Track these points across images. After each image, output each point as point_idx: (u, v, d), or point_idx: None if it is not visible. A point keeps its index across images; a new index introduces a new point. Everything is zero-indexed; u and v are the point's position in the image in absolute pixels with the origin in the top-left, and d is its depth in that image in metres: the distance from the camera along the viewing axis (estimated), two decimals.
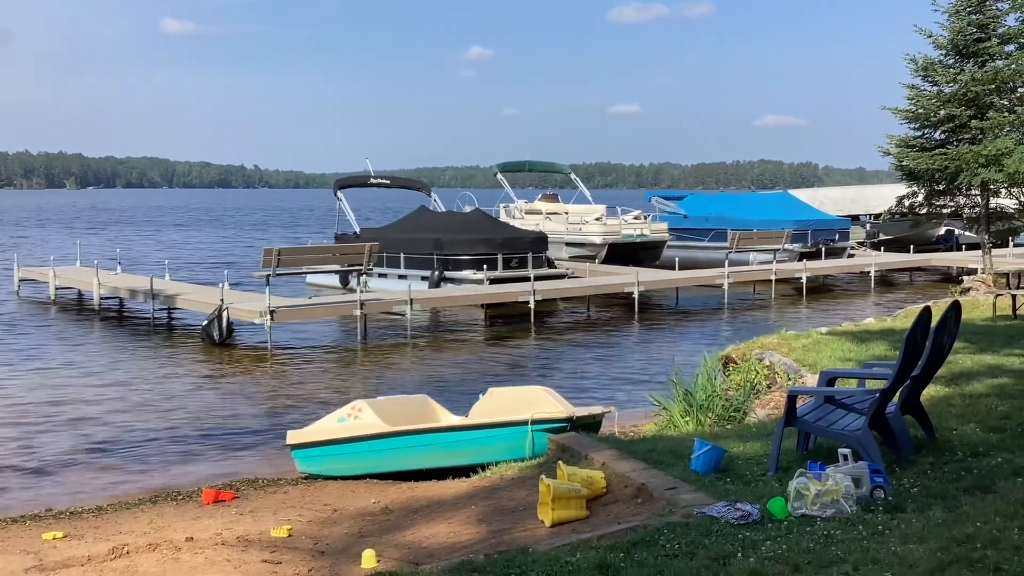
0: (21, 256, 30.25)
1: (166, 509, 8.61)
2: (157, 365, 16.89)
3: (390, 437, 9.45)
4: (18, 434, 11.99)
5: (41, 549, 7.15)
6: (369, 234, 27.65)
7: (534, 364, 17.44)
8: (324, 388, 15.22)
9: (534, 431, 9.23)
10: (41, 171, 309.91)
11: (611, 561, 4.98)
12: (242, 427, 12.61)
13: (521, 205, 36.00)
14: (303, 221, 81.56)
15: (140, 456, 11.15)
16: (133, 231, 64.81)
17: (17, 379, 15.57)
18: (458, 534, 6.91)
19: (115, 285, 23.07)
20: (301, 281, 26.94)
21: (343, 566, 6.39)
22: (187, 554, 6.52)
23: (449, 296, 22.31)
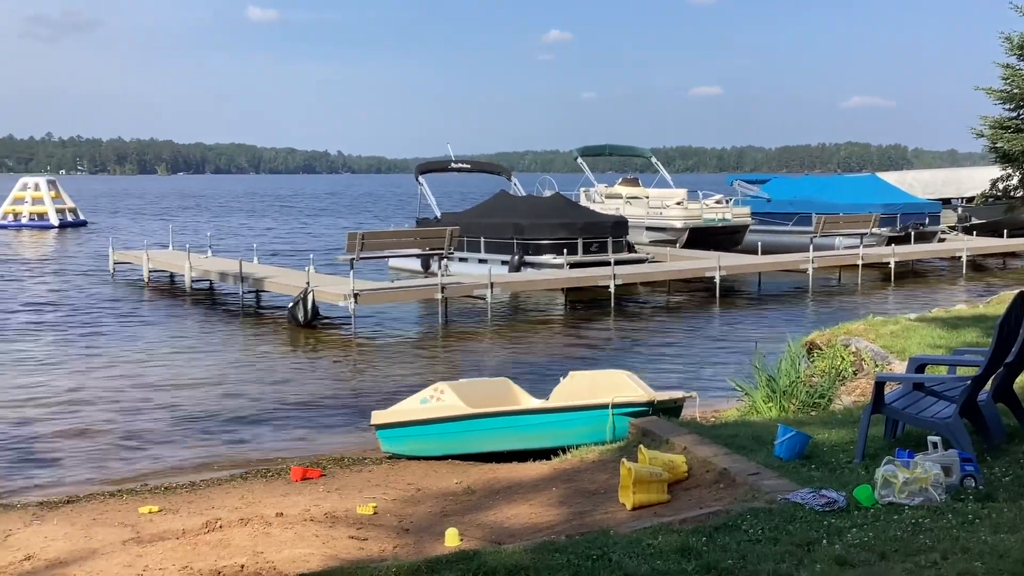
0: (116, 240, 31.35)
1: (256, 485, 8.88)
2: (245, 346, 17.35)
3: (472, 419, 9.57)
4: (115, 412, 12.46)
5: (138, 522, 7.44)
6: (450, 218, 27.85)
7: (614, 348, 17.42)
8: (406, 370, 15.44)
9: (615, 415, 9.24)
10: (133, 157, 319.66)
11: (693, 545, 4.99)
12: (327, 407, 12.90)
13: (601, 189, 35.83)
14: (385, 206, 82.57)
15: (230, 434, 11.49)
16: (221, 216, 66.45)
17: (113, 359, 16.14)
18: (539, 515, 6.98)
19: (206, 268, 23.73)
20: (384, 265, 27.33)
21: (427, 544, 6.52)
22: (277, 529, 6.73)
23: (529, 280, 22.38)
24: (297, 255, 32.92)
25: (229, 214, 69.09)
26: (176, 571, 5.89)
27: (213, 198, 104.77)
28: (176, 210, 75.19)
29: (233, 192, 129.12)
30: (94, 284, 26.15)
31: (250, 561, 6.02)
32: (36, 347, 17.18)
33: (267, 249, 34.54)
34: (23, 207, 49.90)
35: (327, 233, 47.70)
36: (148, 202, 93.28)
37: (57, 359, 16.07)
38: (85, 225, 51.74)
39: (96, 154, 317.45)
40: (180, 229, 41.16)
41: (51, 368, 15.31)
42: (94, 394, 13.45)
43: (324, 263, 26.65)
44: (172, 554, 6.26)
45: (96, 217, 59.06)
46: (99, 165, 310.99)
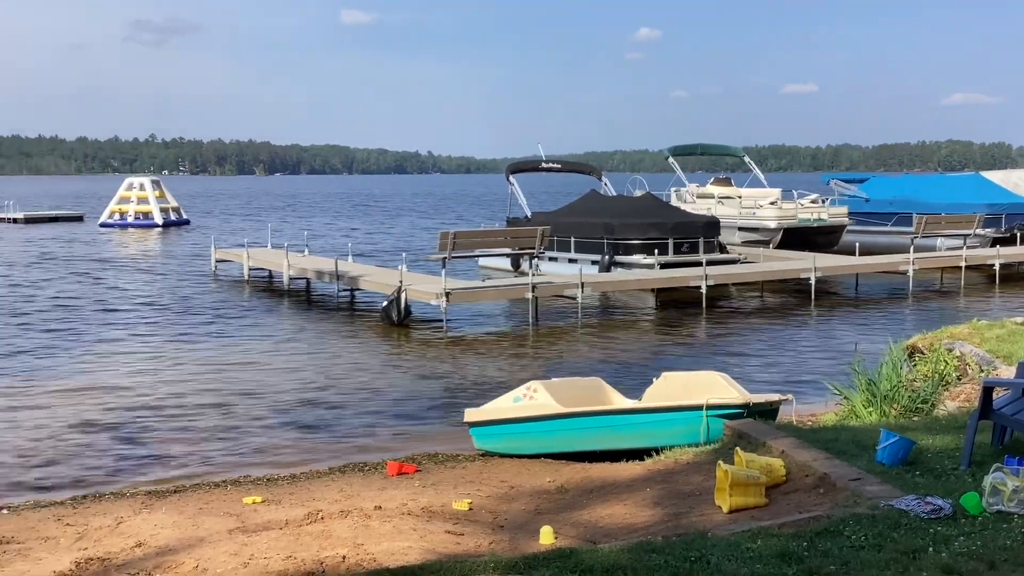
0: (218, 238, 32.33)
1: (354, 479, 9.08)
2: (340, 344, 17.70)
3: (565, 418, 9.60)
4: (217, 406, 12.86)
5: (243, 512, 7.68)
6: (540, 218, 27.93)
7: (706, 349, 17.24)
8: (497, 369, 15.56)
9: (709, 416, 9.16)
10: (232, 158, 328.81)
11: (794, 550, 4.94)
12: (420, 404, 13.09)
13: (693, 189, 35.48)
14: (469, 204, 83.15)
15: (327, 429, 11.76)
16: (314, 215, 67.84)
17: (214, 354, 16.66)
18: (634, 515, 6.98)
19: (303, 266, 24.29)
20: (473, 264, 27.56)
21: (522, 541, 6.58)
22: (376, 522, 6.86)
23: (620, 280, 22.30)
24: (389, 254, 33.42)
25: (322, 214, 70.47)
26: (280, 560, 6.07)
27: (307, 198, 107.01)
28: (272, 210, 77.03)
29: (326, 192, 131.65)
30: (196, 281, 27.00)
31: (351, 552, 6.16)
32: (142, 342, 17.83)
33: (359, 248, 35.15)
34: (129, 206, 51.77)
35: (414, 233, 48.29)
36: (244, 202, 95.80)
37: (161, 354, 16.65)
38: (188, 224, 53.42)
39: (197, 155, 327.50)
40: (276, 228, 42.20)
41: (155, 363, 15.87)
42: (197, 388, 13.91)
43: (413, 262, 27.00)
44: (276, 543, 6.44)
45: (198, 216, 60.90)
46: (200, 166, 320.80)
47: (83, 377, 14.64)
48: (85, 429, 11.63)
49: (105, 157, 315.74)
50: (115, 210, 52.18)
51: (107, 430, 11.59)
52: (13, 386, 13.98)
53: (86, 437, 11.29)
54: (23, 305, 22.48)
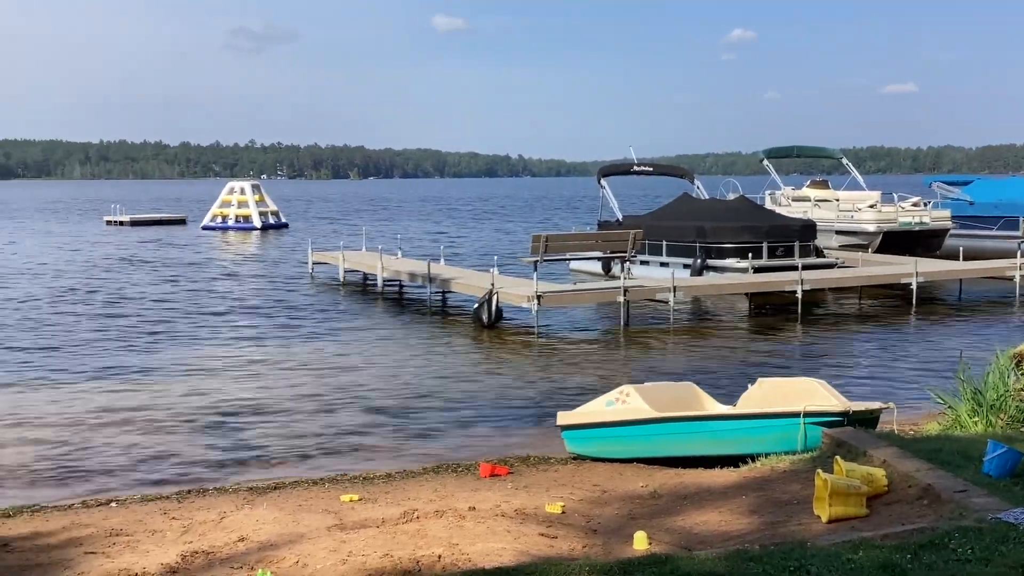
0: (315, 240, 33.08)
1: (447, 479, 9.19)
2: (433, 345, 17.91)
3: (658, 423, 9.54)
4: (313, 405, 13.16)
5: (340, 510, 7.85)
6: (632, 221, 27.80)
7: (801, 355, 16.91)
8: (588, 372, 15.54)
9: (807, 424, 8.99)
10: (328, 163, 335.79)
11: (897, 562, 4.82)
12: (510, 406, 13.17)
13: (788, 192, 34.82)
14: (564, 209, 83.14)
15: (420, 429, 11.92)
16: (407, 218, 68.75)
17: (312, 355, 17.03)
18: (729, 523, 6.90)
19: (396, 269, 24.66)
20: (560, 267, 27.59)
21: (615, 545, 6.57)
22: (470, 522, 6.94)
23: (713, 284, 22.04)
24: (479, 257, 33.67)
25: (413, 217, 71.37)
26: (378, 558, 6.18)
27: (399, 201, 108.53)
28: (366, 213, 78.34)
29: (418, 195, 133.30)
30: (294, 283, 27.64)
31: (446, 552, 6.24)
32: (241, 343, 18.33)
33: (450, 251, 35.49)
34: (230, 210, 53.32)
35: (504, 236, 48.51)
36: (338, 205, 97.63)
37: (260, 354, 17.10)
38: (286, 227, 54.72)
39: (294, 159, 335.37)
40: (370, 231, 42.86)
41: (254, 363, 16.31)
42: (294, 388, 14.25)
43: (503, 265, 27.14)
44: (373, 541, 6.57)
45: (296, 220, 62.29)
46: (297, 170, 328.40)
47: (185, 376, 15.14)
48: (189, 426, 12.03)
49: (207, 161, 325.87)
50: (217, 213, 53.79)
51: (209, 428, 11.96)
52: (119, 385, 14.54)
53: (189, 434, 11.67)
54: (129, 306, 23.34)
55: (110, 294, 25.51)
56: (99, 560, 6.67)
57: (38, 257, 37.06)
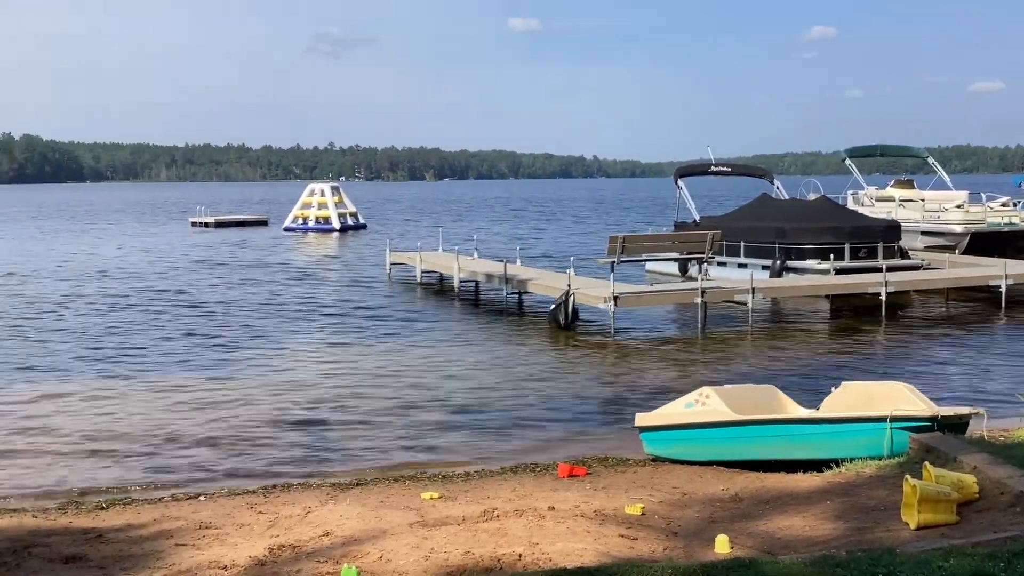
0: (392, 242, 33.51)
1: (526, 479, 9.23)
2: (509, 346, 17.99)
3: (739, 425, 9.44)
4: (394, 404, 13.32)
5: (421, 507, 7.94)
6: (709, 222, 27.52)
7: (885, 359, 16.55)
8: (664, 373, 15.44)
9: (893, 429, 8.80)
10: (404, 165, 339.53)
11: (989, 571, 4.71)
12: (587, 407, 13.17)
13: (871, 192, 34.08)
14: (638, 210, 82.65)
15: (497, 429, 11.99)
16: (485, 219, 69.07)
17: (390, 354, 17.24)
18: (814, 528, 6.80)
19: (473, 269, 24.82)
20: (635, 268, 27.45)
21: (697, 548, 6.52)
22: (550, 522, 6.96)
23: (793, 286, 21.70)
24: (553, 259, 33.67)
25: (489, 218, 71.69)
26: (459, 555, 6.25)
27: (474, 202, 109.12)
28: (442, 214, 78.96)
29: (492, 196, 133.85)
30: (372, 284, 28.02)
31: (527, 551, 6.27)
32: (321, 341, 18.65)
33: (525, 252, 35.55)
34: (310, 211, 54.27)
35: (578, 237, 48.41)
36: (412, 206, 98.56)
37: (340, 353, 17.38)
38: (364, 228, 55.46)
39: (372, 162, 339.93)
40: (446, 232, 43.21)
41: (334, 361, 16.58)
42: (374, 387, 14.45)
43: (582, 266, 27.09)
44: (454, 539, 6.64)
45: (375, 221, 63.06)
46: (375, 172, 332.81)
47: (268, 374, 15.47)
48: (272, 422, 12.29)
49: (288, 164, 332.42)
50: (298, 215, 54.79)
51: (292, 424, 12.21)
52: (204, 382, 14.93)
53: (273, 431, 11.93)
54: (213, 306, 23.92)
55: (196, 294, 26.19)
56: (189, 552, 6.86)
57: (127, 258, 38.22)
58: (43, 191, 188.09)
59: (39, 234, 55.38)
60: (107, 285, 28.22)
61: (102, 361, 16.58)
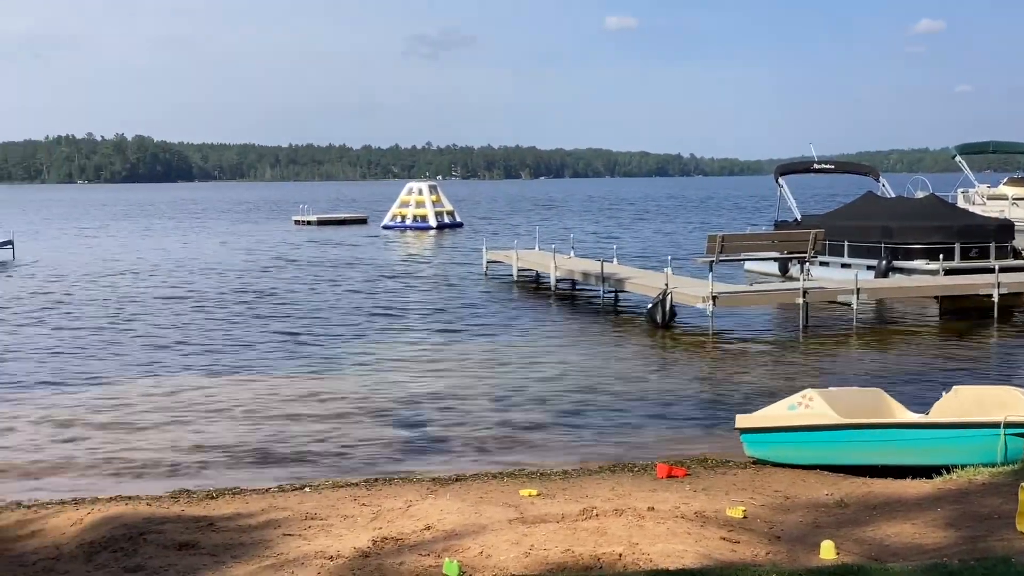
0: (488, 240, 33.76)
1: (624, 479, 9.19)
2: (606, 345, 17.94)
3: (844, 429, 9.22)
4: (491, 401, 13.43)
5: (520, 504, 7.98)
6: (811, 221, 26.95)
7: (998, 363, 15.95)
8: (765, 375, 15.19)
9: (1008, 435, 8.48)
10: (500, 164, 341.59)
11: None
12: (685, 407, 13.05)
13: (983, 190, 32.90)
14: (731, 208, 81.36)
15: (594, 427, 11.98)
16: (580, 218, 68.97)
17: (487, 351, 17.38)
18: (924, 536, 6.60)
19: (569, 268, 24.82)
20: (733, 268, 27.04)
21: (800, 554, 6.40)
22: (650, 522, 6.92)
23: (899, 287, 21.08)
24: (647, 258, 33.41)
25: (583, 216, 71.52)
26: (559, 553, 6.27)
27: (569, 201, 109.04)
28: (537, 213, 79.15)
29: (587, 195, 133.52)
30: (469, 281, 28.27)
31: (627, 551, 6.25)
32: (420, 338, 18.90)
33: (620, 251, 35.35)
34: (408, 210, 55.06)
35: (676, 235, 47.91)
36: (507, 205, 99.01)
37: (438, 350, 17.59)
38: (461, 226, 56.00)
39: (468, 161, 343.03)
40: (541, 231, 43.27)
41: (433, 358, 16.79)
42: (471, 384, 14.59)
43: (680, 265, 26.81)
44: (554, 536, 6.66)
45: (472, 220, 63.59)
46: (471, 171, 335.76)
47: (367, 370, 15.77)
48: (372, 417, 12.53)
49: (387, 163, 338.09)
50: (396, 213, 55.65)
51: (391, 419, 12.43)
52: (307, 377, 15.30)
53: (373, 425, 12.16)
54: (315, 302, 24.49)
55: (298, 292, 26.84)
56: (296, 542, 7.05)
57: (231, 255, 39.39)
58: (154, 190, 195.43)
59: (151, 232, 57.48)
60: (212, 282, 29.15)
61: (209, 355, 17.14)
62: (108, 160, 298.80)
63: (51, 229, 61.14)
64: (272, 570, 6.31)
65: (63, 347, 18.01)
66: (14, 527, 7.99)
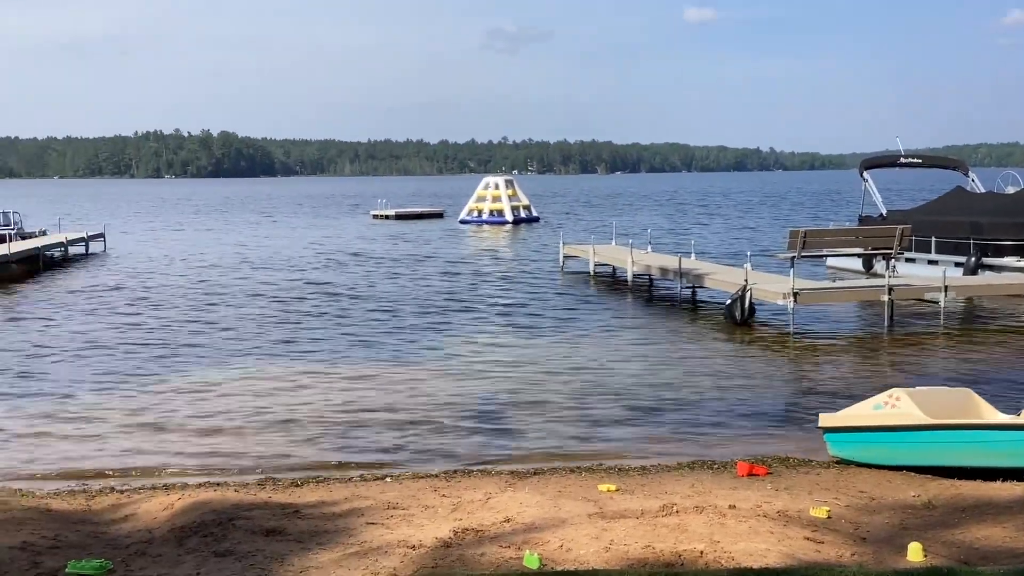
0: (564, 234, 33.73)
1: (703, 476, 9.12)
2: (684, 340, 17.78)
3: (932, 430, 9.00)
4: (568, 396, 13.44)
5: (599, 498, 7.99)
6: (896, 216, 26.31)
7: None
8: (848, 373, 14.91)
9: None
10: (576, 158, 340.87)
11: None
12: (765, 405, 12.88)
13: None
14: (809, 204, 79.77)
15: (671, 424, 11.90)
16: (652, 212, 68.44)
17: (563, 346, 17.36)
18: (1016, 540, 6.43)
19: (646, 263, 24.67)
20: (815, 264, 26.54)
21: (887, 555, 6.29)
22: (731, 520, 6.86)
23: (990, 284, 20.45)
24: (722, 253, 33.00)
25: (645, 211, 70.94)
26: (640, 548, 6.26)
27: (640, 196, 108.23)
28: (603, 207, 78.75)
29: (662, 190, 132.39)
30: (545, 276, 28.28)
31: (708, 548, 6.22)
32: (496, 332, 18.98)
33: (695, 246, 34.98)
34: (484, 204, 55.30)
35: (749, 231, 47.20)
36: (581, 199, 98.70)
37: (512, 344, 17.64)
38: (537, 221, 56.02)
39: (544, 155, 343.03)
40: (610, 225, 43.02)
41: (509, 351, 16.85)
42: (549, 377, 14.61)
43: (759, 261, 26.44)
44: (634, 532, 6.65)
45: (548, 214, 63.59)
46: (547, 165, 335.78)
47: (445, 363, 15.90)
48: (451, 410, 12.64)
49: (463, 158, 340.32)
50: (473, 208, 55.93)
51: (469, 412, 12.52)
52: (387, 370, 15.50)
53: (452, 417, 12.26)
54: (393, 294, 24.77)
55: (378, 284, 27.19)
56: (379, 530, 7.17)
57: (315, 248, 40.04)
58: (238, 185, 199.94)
59: (235, 226, 58.78)
60: (294, 275, 29.69)
61: (289, 346, 17.48)
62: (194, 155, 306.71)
63: (140, 222, 62.99)
64: (357, 557, 6.43)
65: (151, 337, 18.56)
66: (108, 511, 8.28)
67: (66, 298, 24.26)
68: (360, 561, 6.35)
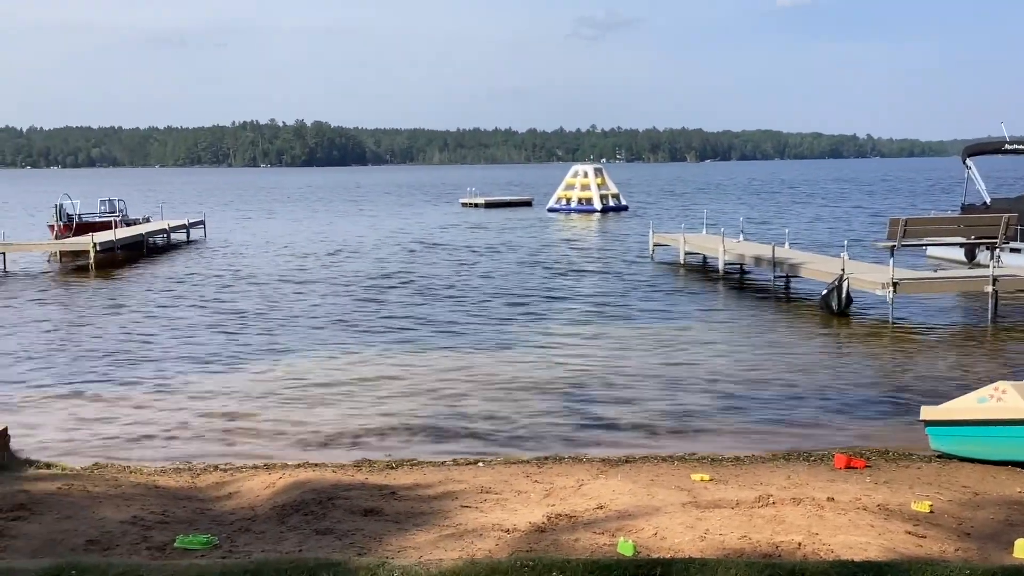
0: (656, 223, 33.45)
1: (799, 468, 8.99)
2: (778, 330, 17.50)
3: None
4: (660, 385, 13.36)
5: (693, 488, 7.95)
6: (1001, 205, 25.38)
7: None
8: (949, 366, 14.49)
9: None
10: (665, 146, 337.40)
11: None
12: (862, 396, 12.60)
13: None
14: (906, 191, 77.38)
15: (767, 415, 11.74)
16: (740, 201, 67.35)
17: (654, 335, 17.25)
18: None
19: (739, 252, 24.31)
20: (914, 254, 25.78)
21: (992, 552, 6.12)
22: (830, 513, 6.76)
23: None
24: (815, 242, 32.29)
25: (730, 200, 69.74)
26: (736, 539, 6.21)
27: (729, 184, 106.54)
28: (686, 195, 77.78)
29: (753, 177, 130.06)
30: (635, 264, 28.12)
31: (806, 540, 6.14)
32: (585, 321, 18.95)
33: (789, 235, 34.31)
34: (573, 192, 55.21)
35: (848, 219, 46.05)
36: (668, 187, 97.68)
37: (603, 332, 17.59)
38: (626, 209, 55.71)
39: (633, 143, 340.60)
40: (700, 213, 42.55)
41: (599, 339, 16.83)
42: (639, 366, 14.55)
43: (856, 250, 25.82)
44: (729, 522, 6.60)
45: (637, 203, 63.17)
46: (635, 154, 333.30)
47: (536, 350, 15.96)
48: (541, 397, 12.70)
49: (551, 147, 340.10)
50: (561, 196, 55.89)
51: (560, 399, 12.56)
52: (478, 356, 15.64)
53: (542, 404, 12.32)
54: (485, 282, 24.94)
55: (470, 271, 27.41)
56: (473, 514, 7.26)
57: (408, 236, 40.56)
58: (331, 173, 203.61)
59: (329, 213, 59.90)
60: (385, 263, 30.12)
61: (381, 333, 17.77)
62: (289, 145, 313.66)
63: (238, 210, 64.68)
64: (453, 539, 6.53)
65: (247, 322, 19.09)
66: (212, 488, 8.57)
67: (168, 284, 25.11)
68: (456, 543, 6.45)
